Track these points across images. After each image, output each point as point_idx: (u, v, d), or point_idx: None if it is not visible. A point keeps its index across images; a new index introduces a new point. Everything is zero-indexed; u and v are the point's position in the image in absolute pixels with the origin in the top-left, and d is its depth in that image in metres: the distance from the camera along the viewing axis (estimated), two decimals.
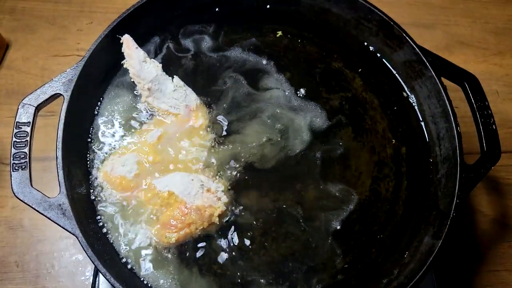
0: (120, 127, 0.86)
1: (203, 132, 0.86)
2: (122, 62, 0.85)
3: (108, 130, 0.86)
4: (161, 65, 0.86)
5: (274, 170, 0.85)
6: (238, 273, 0.78)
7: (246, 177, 0.84)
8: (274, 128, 0.88)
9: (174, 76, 0.87)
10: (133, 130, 0.86)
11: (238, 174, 0.84)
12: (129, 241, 0.78)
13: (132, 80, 0.87)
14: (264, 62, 0.94)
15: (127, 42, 0.84)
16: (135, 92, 0.89)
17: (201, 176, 0.81)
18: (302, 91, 0.92)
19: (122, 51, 0.85)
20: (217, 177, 0.83)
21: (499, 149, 0.82)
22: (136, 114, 0.87)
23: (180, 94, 0.86)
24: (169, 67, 0.91)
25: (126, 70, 0.87)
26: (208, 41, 0.96)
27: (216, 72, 0.93)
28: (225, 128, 0.87)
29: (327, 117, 0.90)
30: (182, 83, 0.87)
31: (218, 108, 0.89)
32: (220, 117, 0.88)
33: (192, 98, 0.87)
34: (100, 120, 0.86)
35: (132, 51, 0.84)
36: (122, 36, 0.84)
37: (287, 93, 0.91)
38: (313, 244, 0.80)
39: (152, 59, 0.87)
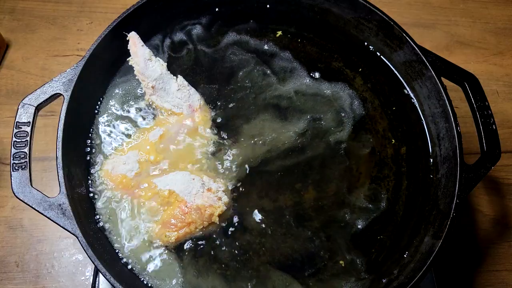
0: (121, 126, 0.86)
1: (205, 132, 0.86)
2: (127, 59, 0.85)
3: (109, 129, 0.86)
4: (166, 63, 0.87)
5: (274, 169, 0.85)
6: (238, 273, 0.78)
7: (247, 177, 0.84)
8: (276, 128, 0.88)
9: (178, 75, 0.87)
10: (134, 129, 0.86)
11: (239, 174, 0.84)
12: (129, 240, 0.78)
13: (135, 78, 0.87)
14: (261, 61, 0.94)
15: (133, 40, 0.85)
16: (137, 91, 0.89)
17: (202, 175, 0.81)
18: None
19: (128, 48, 0.85)
20: (218, 176, 0.83)
21: (499, 149, 0.82)
22: (138, 113, 0.87)
23: (183, 94, 0.86)
24: (170, 67, 0.91)
25: (127, 70, 0.87)
26: (208, 41, 0.96)
27: (216, 71, 0.93)
28: (226, 128, 0.87)
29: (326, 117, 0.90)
30: (186, 82, 0.87)
31: (220, 108, 0.89)
32: (221, 117, 0.88)
33: (195, 98, 0.87)
34: (101, 120, 0.86)
35: (138, 49, 0.84)
36: (128, 33, 0.84)
37: (286, 92, 0.91)
38: (313, 244, 0.80)
39: (158, 58, 0.87)
